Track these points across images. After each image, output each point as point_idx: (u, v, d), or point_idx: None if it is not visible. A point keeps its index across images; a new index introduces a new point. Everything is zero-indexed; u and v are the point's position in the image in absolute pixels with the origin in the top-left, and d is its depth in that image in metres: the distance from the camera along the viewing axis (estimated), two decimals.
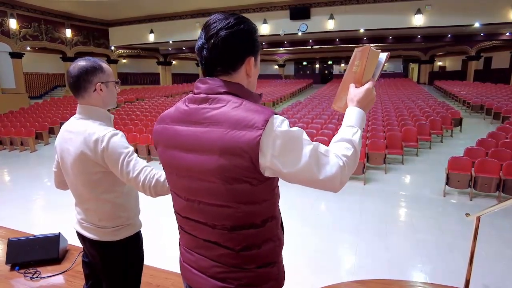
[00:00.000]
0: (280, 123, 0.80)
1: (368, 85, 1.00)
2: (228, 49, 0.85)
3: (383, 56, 1.03)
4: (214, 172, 0.83)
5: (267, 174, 0.83)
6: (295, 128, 0.83)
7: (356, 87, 1.02)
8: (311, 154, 0.81)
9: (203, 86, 0.89)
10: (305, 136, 0.83)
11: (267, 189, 0.88)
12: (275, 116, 0.81)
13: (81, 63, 1.33)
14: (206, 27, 0.87)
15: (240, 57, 0.88)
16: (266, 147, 0.79)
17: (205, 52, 0.86)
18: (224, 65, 0.87)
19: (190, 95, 0.92)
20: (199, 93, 0.89)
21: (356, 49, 1.05)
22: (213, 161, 0.82)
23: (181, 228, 1.02)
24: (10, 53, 14.71)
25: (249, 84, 0.92)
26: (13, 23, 14.76)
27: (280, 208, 1.00)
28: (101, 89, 1.36)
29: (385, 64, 1.04)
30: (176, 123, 0.91)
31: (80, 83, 1.32)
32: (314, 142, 0.84)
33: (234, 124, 0.80)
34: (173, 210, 1.02)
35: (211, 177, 0.84)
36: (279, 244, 0.97)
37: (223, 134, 0.80)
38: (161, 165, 1.02)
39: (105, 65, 1.38)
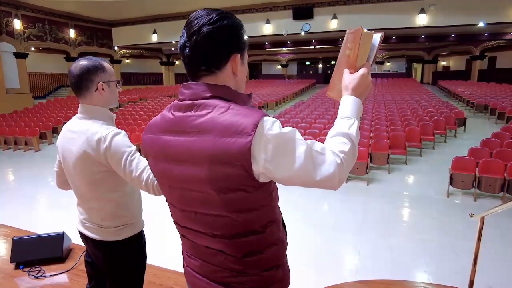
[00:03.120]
0: (270, 126, 0.76)
1: (362, 71, 0.93)
2: (211, 46, 0.80)
3: (377, 37, 0.95)
4: (206, 182, 0.80)
5: (261, 179, 0.79)
6: (287, 129, 0.78)
7: (350, 72, 0.95)
8: (306, 154, 0.76)
9: (187, 91, 0.84)
10: (298, 135, 0.79)
11: (264, 195, 0.84)
12: (265, 118, 0.77)
13: (83, 62, 1.32)
14: (188, 24, 0.83)
15: (224, 54, 0.83)
16: (258, 152, 0.75)
17: (187, 50, 0.82)
18: (208, 63, 0.82)
19: (175, 101, 0.88)
20: (184, 100, 0.84)
21: (347, 31, 0.97)
22: (204, 171, 0.79)
23: (182, 236, 1.00)
24: (14, 53, 14.81)
25: (236, 84, 0.87)
26: (17, 24, 14.86)
27: (283, 209, 0.99)
28: (102, 89, 1.35)
29: (380, 45, 0.97)
30: (163, 133, 0.87)
31: (82, 83, 1.32)
32: (309, 141, 0.80)
33: (222, 131, 0.76)
34: (172, 220, 1.01)
35: (204, 188, 0.81)
36: (282, 246, 0.95)
37: (212, 143, 0.77)
38: None
39: (106, 64, 1.38)
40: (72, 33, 17.65)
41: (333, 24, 14.49)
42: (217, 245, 0.88)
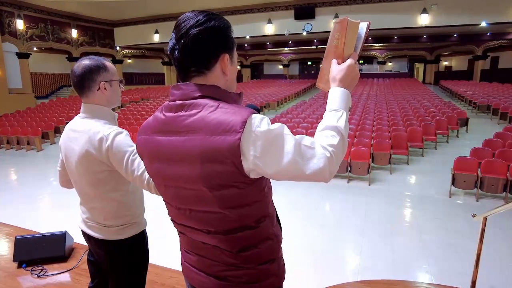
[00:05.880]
0: (259, 123, 0.77)
1: (349, 61, 0.94)
2: (199, 47, 0.82)
3: (363, 26, 0.95)
4: (199, 180, 0.81)
5: (252, 176, 0.80)
6: (276, 125, 0.79)
7: (338, 62, 0.96)
8: (295, 149, 0.77)
9: (177, 92, 0.86)
10: (286, 131, 0.80)
11: (256, 190, 0.86)
12: (253, 116, 0.78)
13: (85, 62, 1.33)
14: (176, 27, 0.84)
15: (213, 54, 0.84)
16: (247, 149, 0.76)
17: (176, 53, 0.83)
18: (197, 64, 0.84)
19: (166, 103, 0.89)
20: (174, 100, 0.86)
21: (334, 21, 0.97)
22: (196, 169, 0.80)
23: (180, 232, 1.02)
24: (17, 54, 14.88)
25: (226, 83, 0.88)
26: (20, 24, 14.92)
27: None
28: (105, 88, 1.36)
29: (367, 35, 0.98)
30: (155, 134, 0.89)
31: (84, 82, 1.33)
32: (298, 136, 0.81)
33: (212, 130, 0.77)
34: (170, 218, 1.02)
35: (197, 186, 0.83)
36: (277, 241, 0.96)
37: (202, 142, 0.78)
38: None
39: (108, 63, 1.38)
40: (74, 33, 17.70)
41: None
42: (213, 240, 0.90)
